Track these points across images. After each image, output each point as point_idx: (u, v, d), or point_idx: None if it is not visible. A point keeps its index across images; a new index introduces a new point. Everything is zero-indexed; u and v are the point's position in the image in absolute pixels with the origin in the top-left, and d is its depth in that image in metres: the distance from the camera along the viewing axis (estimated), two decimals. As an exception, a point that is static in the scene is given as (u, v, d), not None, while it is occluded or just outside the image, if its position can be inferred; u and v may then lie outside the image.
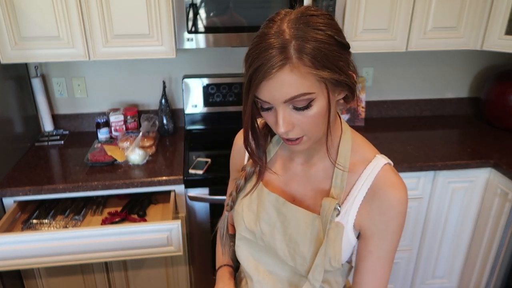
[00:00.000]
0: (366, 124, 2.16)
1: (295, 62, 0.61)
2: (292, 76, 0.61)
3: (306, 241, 0.76)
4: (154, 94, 2.05)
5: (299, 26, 0.62)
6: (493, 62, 2.25)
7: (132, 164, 1.69)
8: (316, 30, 0.62)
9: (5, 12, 1.52)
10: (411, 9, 1.75)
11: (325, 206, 0.74)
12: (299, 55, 0.61)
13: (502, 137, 2.00)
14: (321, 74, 0.62)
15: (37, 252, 1.40)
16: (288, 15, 0.64)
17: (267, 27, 0.64)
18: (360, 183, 0.74)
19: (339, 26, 0.67)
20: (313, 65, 0.61)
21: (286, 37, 0.61)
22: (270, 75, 0.61)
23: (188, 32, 1.61)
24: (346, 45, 0.67)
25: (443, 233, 1.91)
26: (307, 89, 0.62)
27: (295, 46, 0.61)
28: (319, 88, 0.64)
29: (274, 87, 0.63)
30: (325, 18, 0.64)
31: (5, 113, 1.68)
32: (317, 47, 0.61)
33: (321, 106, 0.65)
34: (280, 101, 0.64)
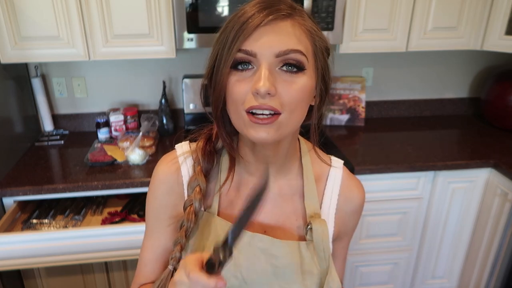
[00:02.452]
0: (366, 124, 2.16)
1: (300, 20, 0.57)
2: (294, 29, 0.56)
3: (299, 276, 0.65)
4: (154, 94, 2.05)
5: (309, 14, 0.61)
6: (493, 62, 2.25)
7: (132, 164, 1.69)
8: (316, 24, 0.61)
9: (5, 12, 1.52)
10: (411, 9, 1.75)
11: (318, 231, 0.65)
12: (304, 18, 0.58)
13: (502, 137, 2.00)
14: (317, 49, 0.59)
15: (37, 252, 1.40)
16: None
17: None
18: (328, 192, 0.71)
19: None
20: (314, 35, 0.58)
21: (296, 5, 0.59)
22: (270, 21, 0.54)
23: (188, 32, 1.61)
24: (329, 49, 0.64)
25: (443, 233, 1.91)
26: (304, 50, 0.56)
27: (304, 14, 0.59)
28: (312, 62, 0.58)
29: (271, 34, 0.54)
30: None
31: (5, 113, 1.68)
32: (318, 32, 0.59)
33: (309, 82, 0.58)
34: (272, 53, 0.54)
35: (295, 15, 0.57)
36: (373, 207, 1.79)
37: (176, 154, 0.70)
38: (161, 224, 0.70)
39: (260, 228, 0.68)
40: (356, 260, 1.91)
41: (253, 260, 0.65)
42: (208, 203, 0.69)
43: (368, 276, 1.97)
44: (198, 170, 0.66)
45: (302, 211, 0.69)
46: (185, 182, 0.68)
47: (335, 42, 1.71)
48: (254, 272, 0.65)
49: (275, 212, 0.69)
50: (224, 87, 0.57)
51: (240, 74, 0.56)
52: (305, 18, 0.58)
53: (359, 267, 1.94)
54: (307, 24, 0.58)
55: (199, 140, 0.70)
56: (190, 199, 0.65)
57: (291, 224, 0.69)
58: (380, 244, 1.89)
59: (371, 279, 1.99)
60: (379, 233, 1.86)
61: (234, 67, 0.57)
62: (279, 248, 0.65)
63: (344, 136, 2.04)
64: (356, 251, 1.88)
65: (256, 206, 0.52)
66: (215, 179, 0.69)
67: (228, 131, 0.64)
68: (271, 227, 0.68)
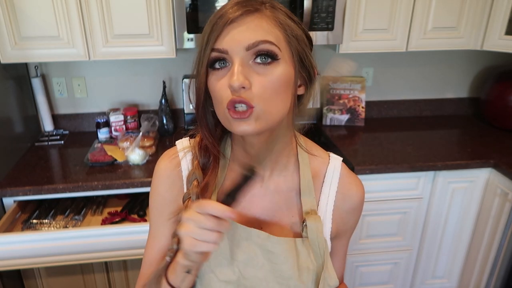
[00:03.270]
0: (366, 124, 2.16)
1: (268, 13, 0.58)
2: (261, 22, 0.57)
3: (296, 272, 0.66)
4: (154, 94, 2.05)
5: (283, 8, 0.61)
6: (493, 62, 2.25)
7: (132, 164, 1.69)
8: (290, 15, 0.61)
9: (5, 12, 1.52)
10: (411, 9, 1.75)
11: (312, 227, 0.66)
12: (274, 11, 0.58)
13: (502, 137, 2.00)
14: (290, 38, 0.59)
15: (37, 252, 1.40)
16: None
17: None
18: (326, 188, 0.71)
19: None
20: (283, 24, 0.58)
21: (271, 1, 0.60)
22: (236, 17, 0.56)
23: (188, 32, 1.61)
24: (311, 40, 0.64)
25: (443, 233, 1.91)
26: (274, 40, 0.56)
27: (276, 7, 0.59)
28: (286, 50, 0.58)
29: (239, 29, 0.56)
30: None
31: (5, 113, 1.68)
32: (290, 22, 0.60)
33: (285, 71, 0.58)
34: (242, 47, 0.55)
35: (263, 9, 0.58)
36: (373, 207, 1.79)
37: (176, 150, 0.71)
38: (165, 220, 0.70)
39: (257, 223, 0.68)
40: (356, 260, 1.91)
41: (250, 255, 0.65)
42: (207, 198, 0.68)
43: (368, 276, 1.97)
44: (195, 164, 0.67)
45: (299, 207, 0.69)
46: (185, 177, 0.69)
47: (335, 42, 1.71)
48: (252, 267, 0.66)
49: (272, 208, 0.69)
50: (202, 86, 0.60)
51: (218, 73, 0.58)
52: (276, 10, 0.59)
53: (359, 267, 1.94)
54: (276, 15, 0.58)
55: (197, 135, 0.70)
56: (188, 192, 0.66)
57: (288, 221, 0.69)
58: (380, 244, 1.89)
59: (371, 279, 1.99)
60: (379, 233, 1.86)
61: (212, 66, 0.58)
62: (276, 245, 0.65)
63: (344, 136, 2.04)
64: (356, 251, 1.88)
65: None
66: (214, 175, 0.69)
67: (211, 128, 0.66)
68: (267, 223, 0.69)
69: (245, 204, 0.69)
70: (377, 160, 1.74)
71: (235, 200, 0.56)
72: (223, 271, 0.65)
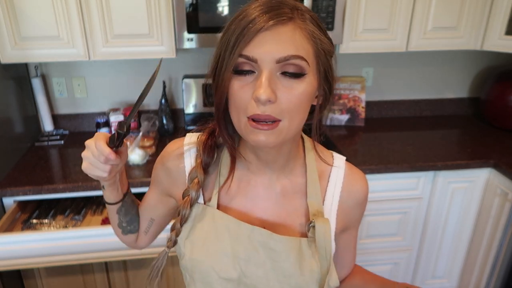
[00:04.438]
0: (366, 124, 2.16)
1: (301, 24, 0.56)
2: (294, 34, 0.55)
3: (297, 270, 0.66)
4: (154, 94, 2.05)
5: (311, 12, 0.60)
6: (493, 62, 2.25)
7: (132, 164, 1.69)
8: (317, 21, 0.61)
9: (5, 12, 1.52)
10: (411, 9, 1.75)
11: (320, 230, 0.66)
12: (306, 21, 0.57)
13: (502, 137, 2.00)
14: (319, 51, 0.58)
15: (37, 252, 1.40)
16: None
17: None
18: (331, 189, 0.71)
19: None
20: (315, 37, 0.57)
21: (298, 5, 0.58)
22: (270, 26, 0.54)
23: (188, 32, 1.61)
24: (333, 47, 0.64)
25: (443, 233, 1.91)
26: (305, 54, 0.56)
27: (307, 15, 0.58)
28: (313, 66, 0.58)
29: (271, 40, 0.54)
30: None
31: (5, 113, 1.68)
32: (323, 32, 0.59)
33: (309, 87, 0.58)
34: (273, 59, 0.54)
35: (296, 18, 0.56)
36: (373, 207, 1.79)
37: (183, 142, 0.73)
38: (153, 187, 0.79)
39: (260, 224, 0.68)
40: (356, 260, 1.91)
41: (252, 253, 0.66)
42: (207, 197, 0.70)
43: (368, 276, 1.97)
44: (198, 163, 0.68)
45: (305, 209, 0.70)
46: (186, 169, 0.71)
47: (335, 42, 1.71)
48: (253, 265, 0.66)
49: (277, 211, 0.69)
50: (225, 90, 0.58)
51: (242, 78, 0.57)
52: (306, 20, 0.58)
53: (359, 267, 1.94)
54: (308, 28, 0.57)
55: (203, 133, 0.71)
56: (188, 189, 0.68)
57: (293, 222, 0.69)
58: (380, 244, 1.89)
59: (371, 279, 1.98)
60: (379, 233, 1.86)
61: (236, 70, 0.57)
62: (278, 243, 0.66)
63: (344, 136, 2.04)
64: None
65: (147, 90, 0.63)
66: (215, 172, 0.70)
67: (230, 132, 0.65)
68: (271, 223, 0.69)
69: (250, 206, 0.69)
70: (377, 160, 1.74)
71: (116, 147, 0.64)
72: (224, 268, 0.66)
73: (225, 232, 0.66)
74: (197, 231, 0.68)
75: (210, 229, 0.67)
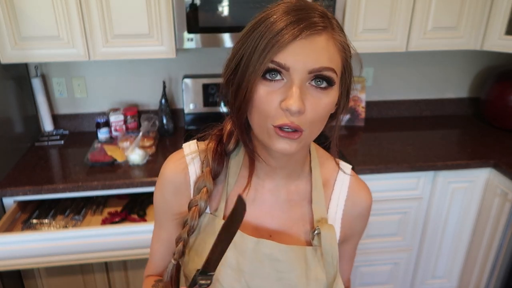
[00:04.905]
0: (366, 124, 2.16)
1: (333, 34, 0.56)
2: (328, 45, 0.55)
3: (304, 281, 0.65)
4: (154, 94, 2.05)
5: (335, 20, 0.59)
6: (493, 62, 2.25)
7: (132, 164, 1.69)
8: (342, 30, 0.60)
9: (5, 12, 1.52)
10: (411, 9, 1.75)
11: (326, 237, 0.65)
12: (336, 30, 0.57)
13: (502, 137, 2.00)
14: (347, 64, 0.58)
15: (37, 252, 1.40)
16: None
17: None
18: (335, 196, 0.71)
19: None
20: (345, 49, 0.58)
21: (326, 12, 0.57)
22: (307, 34, 0.52)
23: (188, 32, 1.61)
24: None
25: (443, 233, 1.91)
26: (335, 66, 0.55)
27: (335, 22, 0.57)
28: (340, 77, 0.58)
29: (306, 50, 0.53)
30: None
31: (5, 113, 1.68)
32: (346, 45, 0.59)
33: (334, 97, 0.57)
34: (306, 69, 0.53)
35: (329, 28, 0.55)
36: (373, 207, 1.78)
37: (183, 154, 0.70)
38: (167, 219, 0.72)
39: (266, 233, 0.68)
40: (356, 260, 1.91)
41: (257, 266, 0.65)
42: (214, 206, 0.68)
43: (368, 276, 1.97)
44: (206, 171, 0.66)
45: (310, 216, 0.69)
46: (192, 182, 0.68)
47: (335, 42, 1.71)
48: (258, 278, 0.65)
49: (283, 217, 0.68)
50: (252, 95, 0.56)
51: (269, 84, 0.55)
52: (337, 29, 0.57)
53: (359, 267, 1.94)
54: (340, 39, 0.57)
55: (210, 140, 0.68)
56: (195, 199, 0.65)
57: (298, 229, 0.68)
58: (380, 244, 1.89)
59: (371, 279, 1.99)
60: (379, 233, 1.86)
61: (263, 75, 0.55)
62: (284, 253, 0.64)
63: (344, 136, 2.04)
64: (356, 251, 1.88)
65: (231, 237, 0.55)
66: (222, 182, 0.68)
67: (250, 137, 0.64)
68: (277, 232, 0.68)
69: (255, 213, 0.68)
70: (377, 160, 1.74)
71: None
72: (228, 281, 0.64)
73: (231, 244, 0.65)
74: (202, 241, 0.66)
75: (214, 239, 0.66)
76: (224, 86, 0.61)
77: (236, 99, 0.58)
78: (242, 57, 0.56)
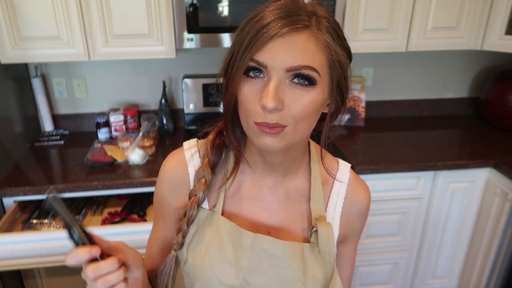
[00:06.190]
0: (366, 124, 2.16)
1: (316, 33, 0.55)
2: (309, 44, 0.54)
3: (301, 277, 0.65)
4: (154, 94, 2.05)
5: (330, 19, 0.58)
6: (493, 62, 2.25)
7: (132, 164, 1.69)
8: (342, 36, 0.60)
9: (5, 12, 1.52)
10: (411, 9, 1.75)
11: (323, 234, 0.65)
12: (322, 30, 0.55)
13: (502, 137, 2.00)
14: (333, 63, 0.57)
15: (37, 252, 1.40)
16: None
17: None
18: (334, 195, 0.71)
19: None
20: (330, 49, 0.56)
21: (317, 10, 0.56)
22: (284, 33, 0.52)
23: (188, 32, 1.61)
24: (351, 57, 0.63)
25: (443, 233, 1.91)
26: (317, 65, 0.55)
27: (323, 22, 0.56)
28: (325, 76, 0.57)
29: (284, 48, 0.53)
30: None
31: (5, 113, 1.68)
32: (340, 42, 0.58)
33: (319, 96, 0.57)
34: (283, 67, 0.53)
35: (312, 26, 0.55)
36: (373, 207, 1.78)
37: (183, 151, 0.71)
38: (164, 216, 0.73)
39: (264, 229, 0.68)
40: (356, 260, 1.91)
41: (255, 261, 0.65)
42: (212, 201, 0.69)
43: (368, 276, 1.97)
44: (205, 162, 0.67)
45: (308, 213, 0.69)
46: (192, 178, 0.69)
47: (335, 42, 1.71)
48: (256, 273, 0.65)
49: (281, 214, 0.69)
50: (235, 93, 0.57)
51: (251, 81, 0.56)
52: (323, 29, 0.56)
53: (359, 267, 1.94)
54: (323, 37, 0.56)
55: (211, 132, 0.70)
56: (194, 189, 0.66)
57: (296, 226, 0.69)
58: (380, 244, 1.89)
59: (371, 279, 1.99)
60: (379, 233, 1.86)
61: (246, 73, 0.56)
62: (281, 249, 0.65)
63: (344, 136, 2.04)
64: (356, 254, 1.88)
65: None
66: (221, 176, 0.69)
67: (238, 134, 0.65)
68: (276, 228, 0.69)
69: (256, 210, 0.69)
70: (377, 160, 1.74)
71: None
72: (226, 276, 0.65)
73: (229, 239, 0.65)
74: (200, 237, 0.67)
75: (213, 235, 0.66)
76: (221, 84, 0.63)
77: (224, 97, 0.60)
78: (233, 55, 0.57)
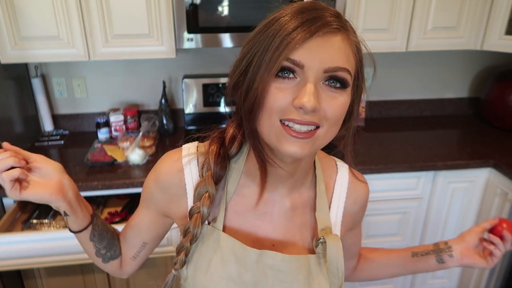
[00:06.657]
0: (366, 124, 2.16)
1: (349, 35, 0.55)
2: (344, 45, 0.53)
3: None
4: (154, 94, 2.05)
5: (348, 22, 0.58)
6: (493, 62, 2.25)
7: (132, 164, 1.69)
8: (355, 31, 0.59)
9: (5, 12, 1.52)
10: (411, 9, 1.75)
11: (332, 247, 0.63)
12: (350, 31, 0.56)
13: (502, 137, 2.00)
14: (360, 66, 0.57)
15: (37, 252, 1.40)
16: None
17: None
18: (336, 198, 0.71)
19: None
20: (358, 51, 0.57)
21: (338, 13, 0.56)
22: (323, 33, 0.51)
23: (188, 32, 1.61)
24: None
25: (443, 233, 1.91)
26: (350, 68, 0.54)
27: (349, 24, 0.56)
28: (352, 80, 0.56)
29: (322, 48, 0.51)
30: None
31: (5, 113, 1.68)
32: (360, 46, 0.59)
33: (348, 99, 0.56)
34: (321, 67, 0.52)
35: (343, 28, 0.54)
36: (373, 207, 1.79)
37: (181, 154, 0.67)
38: (145, 207, 0.73)
39: (269, 243, 0.66)
40: (356, 260, 1.91)
41: (260, 277, 0.63)
42: (212, 215, 0.65)
43: (368, 276, 1.97)
44: (208, 175, 0.62)
45: (312, 222, 0.68)
46: (187, 185, 0.66)
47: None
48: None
49: (286, 226, 0.67)
50: (263, 94, 0.53)
51: (281, 81, 0.53)
52: (351, 31, 0.56)
53: (359, 267, 1.94)
54: (356, 40, 0.56)
55: (211, 143, 0.65)
56: (197, 205, 0.62)
57: (301, 237, 0.67)
58: (380, 244, 1.89)
59: (371, 279, 1.98)
60: (379, 233, 1.86)
61: (275, 74, 0.53)
62: (287, 263, 0.63)
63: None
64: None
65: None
66: (221, 189, 0.65)
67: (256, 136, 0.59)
68: (280, 241, 0.67)
69: (259, 225, 0.66)
70: (377, 160, 1.73)
71: None
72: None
73: (231, 256, 0.62)
74: (201, 254, 0.64)
75: (215, 252, 0.63)
76: (231, 89, 0.59)
77: (245, 101, 0.55)
78: (254, 56, 0.54)
